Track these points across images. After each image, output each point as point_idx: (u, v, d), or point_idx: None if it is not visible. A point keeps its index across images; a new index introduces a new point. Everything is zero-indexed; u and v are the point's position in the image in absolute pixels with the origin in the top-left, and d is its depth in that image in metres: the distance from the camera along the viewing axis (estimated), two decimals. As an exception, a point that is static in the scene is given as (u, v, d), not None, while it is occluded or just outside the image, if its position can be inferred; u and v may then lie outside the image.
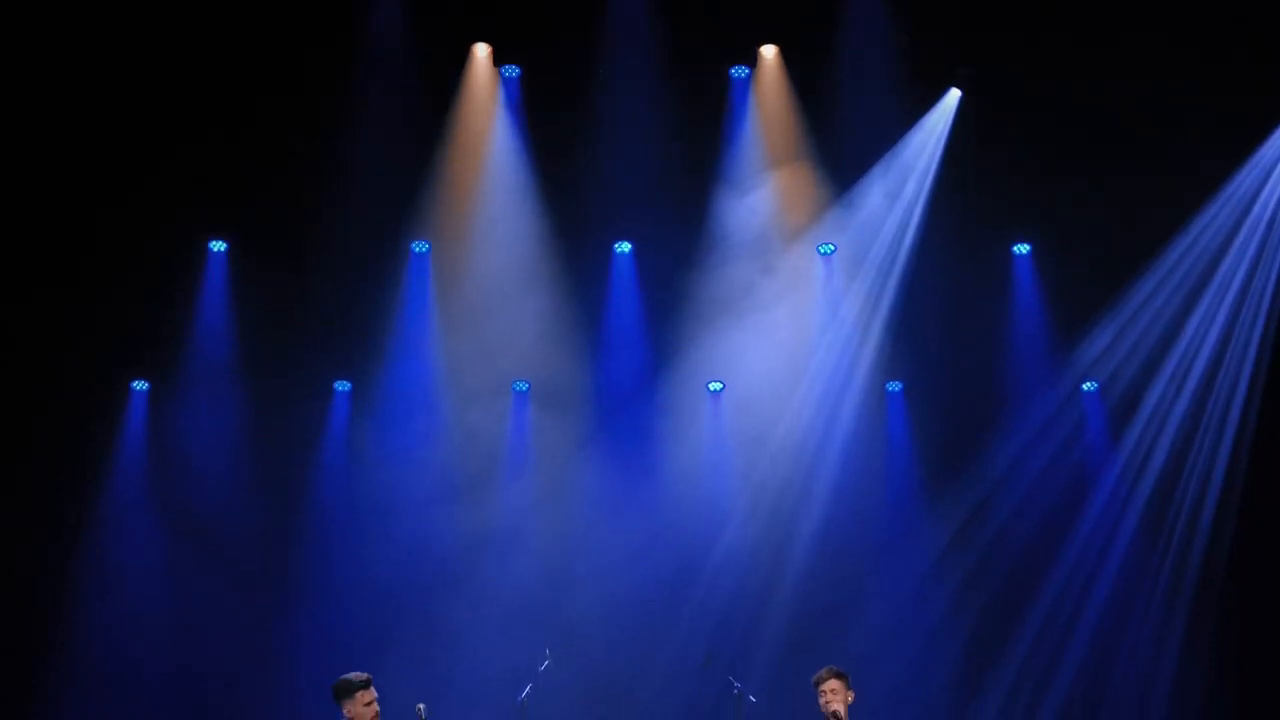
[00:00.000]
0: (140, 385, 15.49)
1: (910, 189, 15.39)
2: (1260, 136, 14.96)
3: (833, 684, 10.34)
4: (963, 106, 15.33)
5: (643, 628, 15.12)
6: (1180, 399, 15.07)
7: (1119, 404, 15.31)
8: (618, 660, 14.96)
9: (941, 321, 15.38)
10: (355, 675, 10.07)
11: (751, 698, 13.89)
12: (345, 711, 10.05)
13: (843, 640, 14.66)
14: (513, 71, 15.67)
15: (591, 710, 14.54)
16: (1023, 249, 15.52)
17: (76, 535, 15.01)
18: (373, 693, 10.00)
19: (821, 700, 10.32)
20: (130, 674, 14.59)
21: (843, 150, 15.43)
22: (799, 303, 15.64)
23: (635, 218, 15.52)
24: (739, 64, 15.66)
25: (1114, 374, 15.28)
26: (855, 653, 14.33)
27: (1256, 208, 14.94)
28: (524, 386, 15.83)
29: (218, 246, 15.42)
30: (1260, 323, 14.89)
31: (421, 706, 10.29)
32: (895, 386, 15.86)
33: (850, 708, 10.29)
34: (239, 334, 15.33)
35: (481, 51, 15.59)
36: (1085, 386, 15.48)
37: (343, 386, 15.75)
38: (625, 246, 15.72)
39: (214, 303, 15.35)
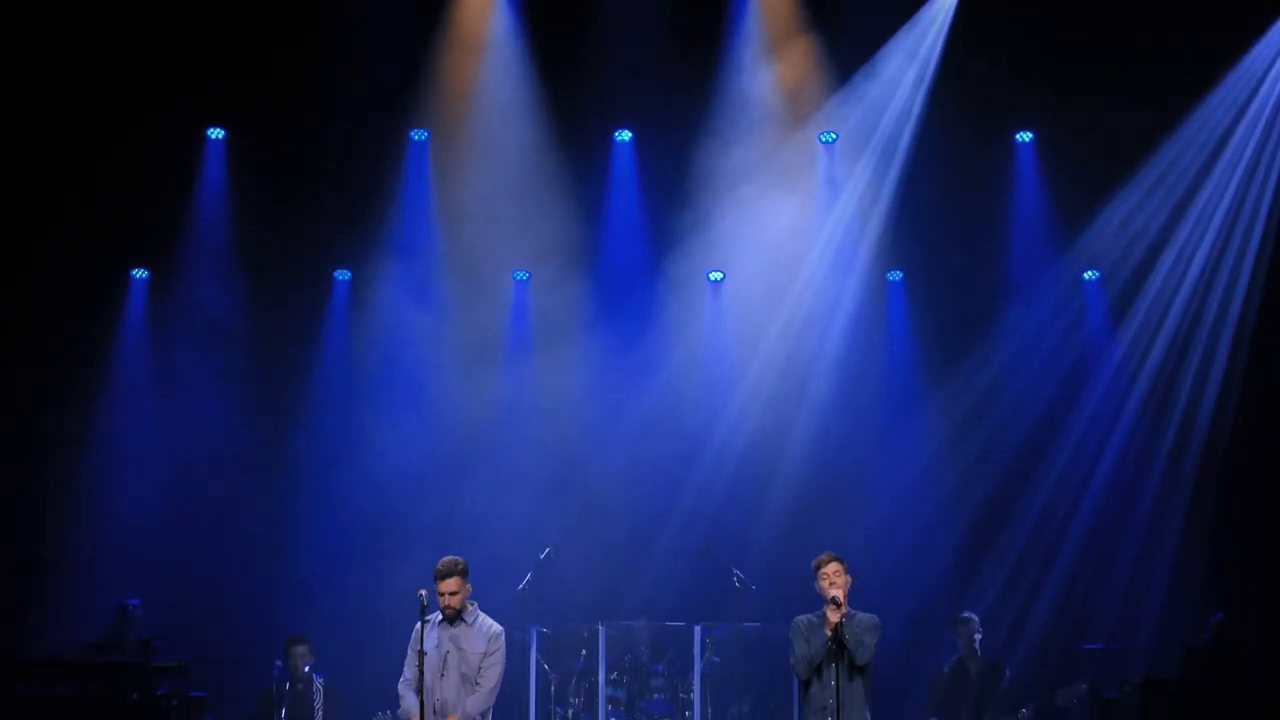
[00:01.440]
0: (140, 274, 15.50)
1: (912, 76, 15.26)
2: (1267, 22, 14.81)
3: (833, 566, 10.33)
4: (966, -9, 15.19)
5: (644, 513, 15.22)
6: (1183, 286, 15.03)
7: (1120, 292, 15.29)
8: (619, 545, 15.07)
9: (942, 210, 15.31)
10: (440, 564, 10.52)
11: (753, 586, 14.00)
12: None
13: (842, 528, 14.72)
14: (512, -43, 15.55)
15: (592, 593, 14.65)
16: (1025, 136, 15.43)
17: (79, 423, 15.07)
18: (447, 583, 10.47)
19: (823, 584, 10.32)
20: (135, 559, 14.71)
21: (844, 37, 15.28)
22: (800, 192, 15.57)
23: (635, 106, 15.41)
24: (739, -52, 15.52)
25: (1116, 262, 15.24)
26: (855, 540, 14.42)
27: (1261, 93, 14.82)
28: (524, 276, 15.82)
29: (216, 134, 15.34)
30: (1265, 208, 14.81)
31: (423, 593, 10.41)
32: (896, 276, 15.84)
33: (848, 593, 10.32)
34: (238, 222, 15.30)
35: (481, -62, 15.46)
36: (1087, 275, 15.45)
37: (343, 275, 15.75)
38: (626, 135, 15.64)
39: (213, 191, 15.30)
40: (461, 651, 10.49)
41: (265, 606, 14.67)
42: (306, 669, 13.47)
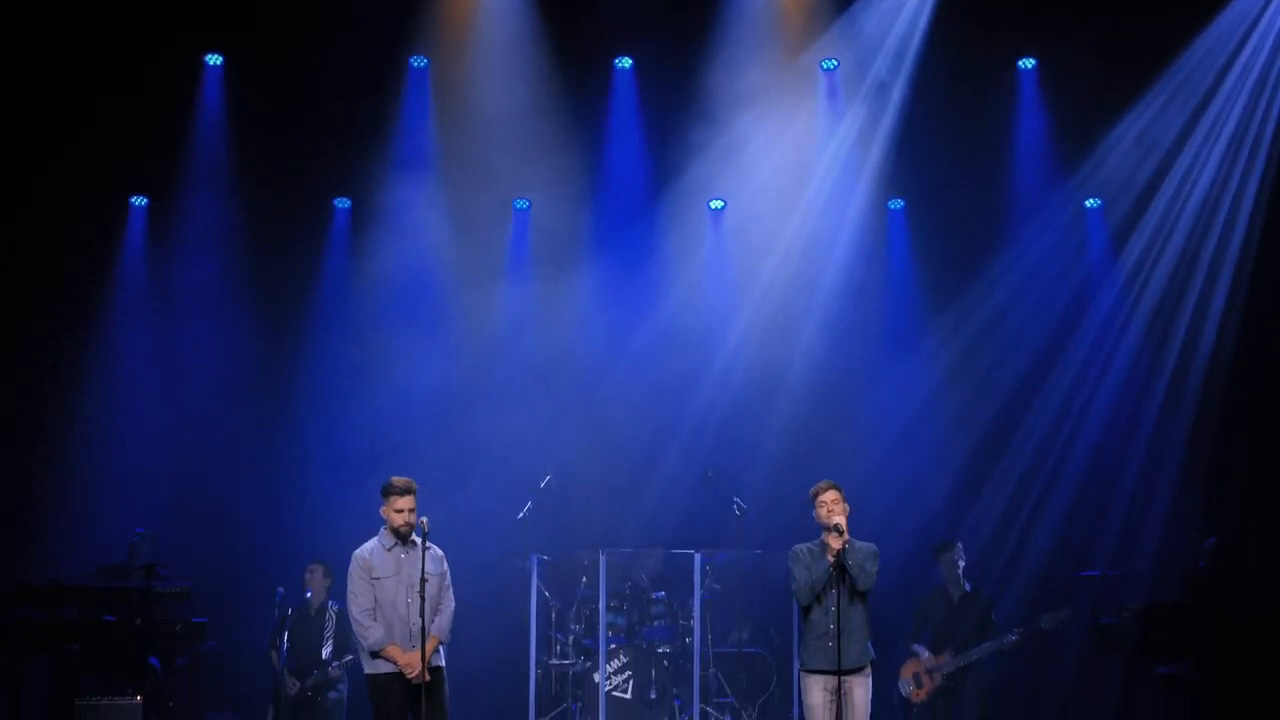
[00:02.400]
0: (139, 201, 15.45)
1: (914, 1, 15.15)
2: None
3: (830, 495, 10.38)
4: (968, -87, 15.05)
5: (644, 442, 15.24)
6: (1186, 211, 14.97)
7: (1123, 219, 15.24)
8: (620, 473, 15.10)
9: (944, 138, 15.22)
10: (398, 482, 10.49)
11: (753, 514, 14.04)
12: (383, 511, 10.54)
13: (842, 456, 14.76)
14: (510, -119, 15.39)
15: (593, 521, 14.70)
16: (1028, 63, 15.32)
17: (81, 352, 15.07)
18: (407, 500, 10.45)
19: (821, 512, 10.37)
20: (139, 488, 14.76)
21: (847, -40, 15.22)
22: (801, 119, 15.50)
23: (636, 32, 15.30)
24: (739, -128, 15.36)
25: (1119, 189, 15.18)
26: (856, 468, 14.47)
27: (1267, 16, 14.69)
28: (524, 204, 15.78)
29: (214, 60, 15.23)
30: (1270, 131, 14.70)
31: (424, 520, 10.42)
32: (897, 204, 15.79)
33: (847, 521, 10.35)
34: (237, 149, 15.22)
35: None
36: (1089, 203, 15.40)
37: (342, 203, 15.71)
38: (626, 62, 15.54)
39: (211, 118, 15.21)
40: (425, 574, 10.43)
41: (269, 533, 14.71)
42: (318, 594, 13.53)
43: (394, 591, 10.45)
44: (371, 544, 10.58)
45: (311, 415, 15.24)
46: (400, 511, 10.43)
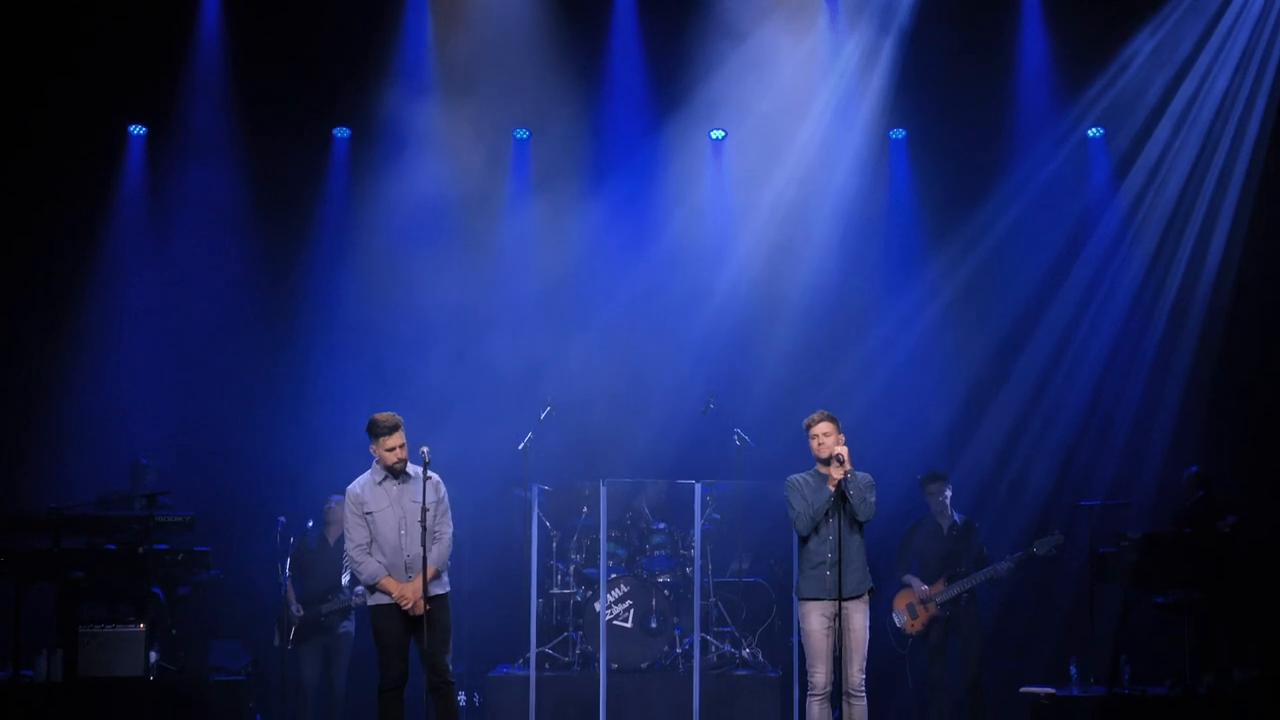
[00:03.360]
0: (138, 130, 15.40)
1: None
2: None
3: (824, 426, 10.40)
4: None
5: (645, 372, 15.24)
6: (1189, 141, 14.91)
7: (1125, 149, 15.18)
8: (621, 403, 15.10)
9: (946, 68, 15.13)
10: (384, 420, 10.40)
11: (753, 444, 14.07)
12: (373, 450, 10.48)
13: (843, 387, 14.79)
14: None
15: (593, 452, 14.73)
16: (1032, -11, 15.26)
17: (81, 282, 15.06)
18: (396, 438, 10.39)
19: (813, 444, 10.41)
20: (141, 418, 14.79)
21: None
22: (802, 48, 15.41)
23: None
24: None
25: (1121, 118, 15.11)
26: (856, 399, 14.51)
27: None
28: (524, 134, 15.73)
29: (211, -9, 15.19)
30: (1274, 61, 14.63)
31: (425, 450, 10.43)
32: (899, 134, 15.73)
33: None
34: (236, 78, 15.14)
35: None
36: (1091, 132, 15.33)
37: (342, 133, 15.66)
38: (628, -8, 15.51)
39: (209, 46, 15.13)
40: (416, 505, 10.40)
41: (273, 462, 14.72)
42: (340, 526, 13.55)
43: (387, 524, 10.47)
44: (364, 478, 10.58)
45: (314, 343, 15.25)
46: (391, 450, 10.40)
